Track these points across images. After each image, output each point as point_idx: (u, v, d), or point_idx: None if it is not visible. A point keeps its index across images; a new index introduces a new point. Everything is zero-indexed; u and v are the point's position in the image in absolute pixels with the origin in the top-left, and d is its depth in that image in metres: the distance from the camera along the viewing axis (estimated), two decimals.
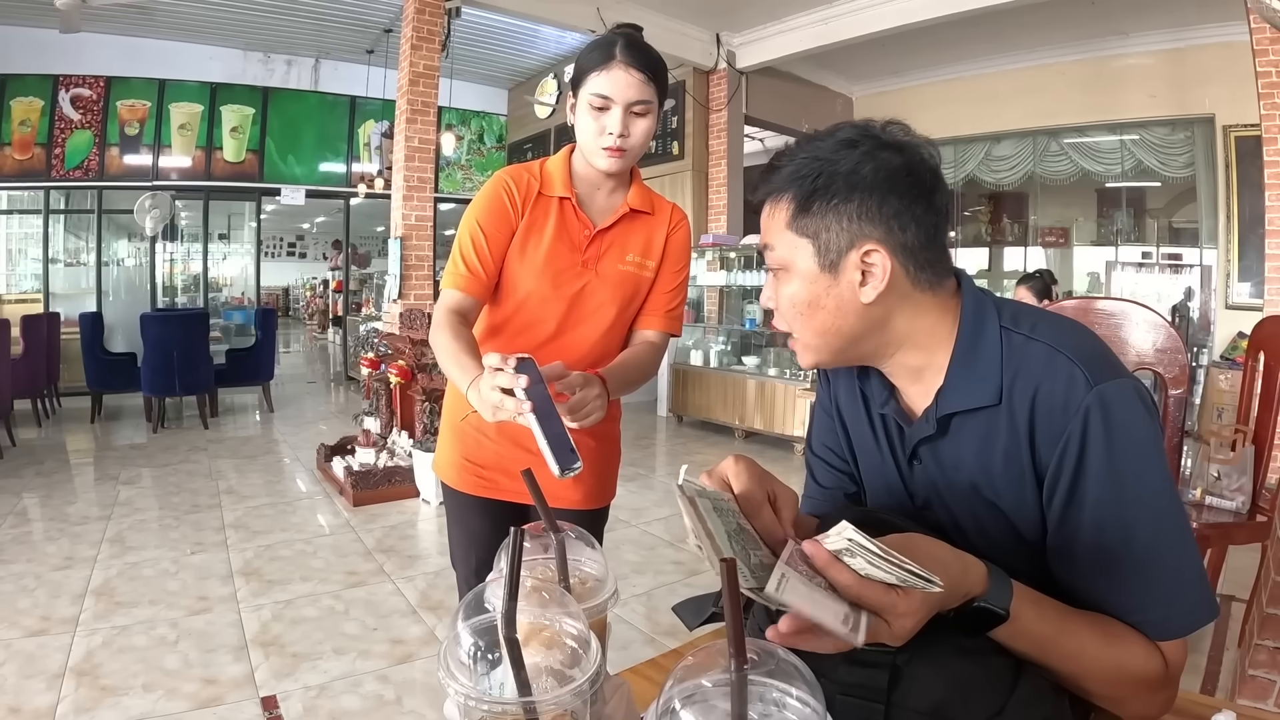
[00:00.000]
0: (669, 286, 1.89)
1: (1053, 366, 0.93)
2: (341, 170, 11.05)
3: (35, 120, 9.12)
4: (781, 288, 1.03)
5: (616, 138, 1.68)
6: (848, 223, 0.96)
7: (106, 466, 6.24)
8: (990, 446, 0.97)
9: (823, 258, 0.98)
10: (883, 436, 1.13)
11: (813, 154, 0.99)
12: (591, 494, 1.92)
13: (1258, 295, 6.68)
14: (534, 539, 0.83)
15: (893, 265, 0.97)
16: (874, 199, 0.95)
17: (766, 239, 1.04)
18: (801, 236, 0.99)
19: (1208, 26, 7.34)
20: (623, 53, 1.66)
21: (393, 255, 6.98)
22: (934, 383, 1.02)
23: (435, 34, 6.97)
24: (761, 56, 8.89)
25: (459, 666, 0.63)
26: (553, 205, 1.79)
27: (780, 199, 1.01)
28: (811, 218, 0.98)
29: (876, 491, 1.16)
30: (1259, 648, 2.20)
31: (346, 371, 11.54)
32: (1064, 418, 0.91)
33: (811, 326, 1.02)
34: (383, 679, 3.01)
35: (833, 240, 0.97)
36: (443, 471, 1.93)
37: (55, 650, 3.12)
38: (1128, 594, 0.90)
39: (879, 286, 0.97)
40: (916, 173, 0.97)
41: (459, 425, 1.89)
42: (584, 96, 1.69)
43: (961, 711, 0.75)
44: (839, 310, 1.00)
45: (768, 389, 7.57)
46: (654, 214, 1.86)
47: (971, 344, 0.99)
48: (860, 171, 0.96)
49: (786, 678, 0.55)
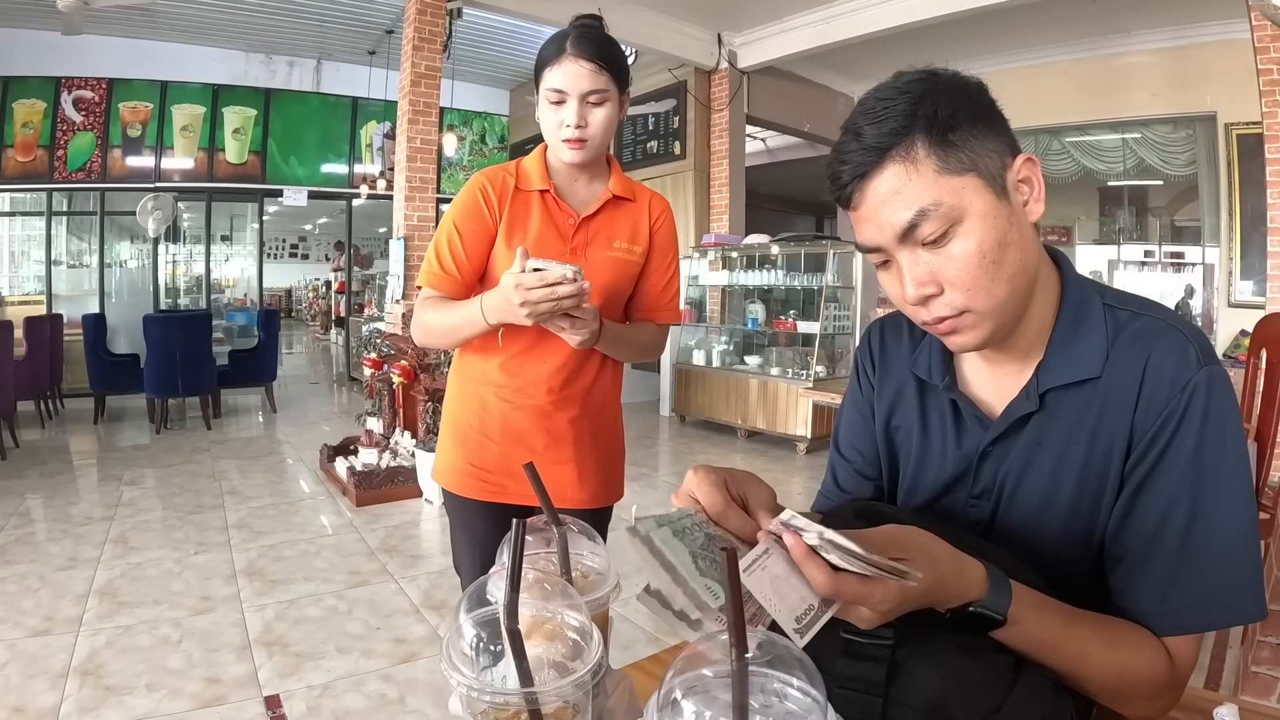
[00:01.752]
0: (661, 281, 1.91)
1: (1167, 339, 0.91)
2: (344, 171, 11.07)
3: (38, 122, 9.14)
4: (955, 248, 0.88)
5: (574, 129, 1.70)
6: (988, 141, 0.88)
7: (110, 467, 6.25)
8: (1083, 422, 0.95)
9: (994, 184, 0.88)
10: (942, 422, 1.07)
11: (904, 92, 0.88)
12: (597, 493, 1.92)
13: (1260, 293, 6.67)
14: (536, 532, 0.83)
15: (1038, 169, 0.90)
16: (985, 114, 0.89)
17: (918, 204, 0.87)
18: (961, 174, 0.86)
19: (1209, 24, 7.33)
20: (574, 45, 1.67)
21: (395, 256, 6.98)
22: (1033, 356, 0.98)
23: (437, 35, 6.98)
24: (763, 56, 8.89)
25: (462, 659, 0.63)
26: (533, 199, 1.81)
27: (910, 150, 0.86)
28: (959, 150, 0.86)
29: (927, 480, 1.09)
30: (1262, 644, 2.20)
31: (349, 372, 11.57)
32: (1170, 391, 0.89)
33: (1004, 275, 0.89)
34: (386, 678, 3.01)
35: (990, 163, 0.88)
36: (444, 477, 1.92)
37: (59, 650, 3.13)
38: (1165, 578, 0.88)
39: (1040, 196, 0.91)
40: (985, 91, 0.92)
41: (462, 430, 1.88)
42: (542, 91, 1.72)
43: (959, 708, 0.74)
44: (1024, 239, 0.90)
45: (770, 388, 7.58)
46: (636, 200, 1.88)
47: (1076, 317, 0.96)
48: (962, 93, 0.88)
49: (787, 667, 0.56)
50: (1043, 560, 0.96)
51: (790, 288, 8.06)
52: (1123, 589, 0.92)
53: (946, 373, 1.06)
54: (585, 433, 1.88)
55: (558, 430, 1.84)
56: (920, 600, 0.75)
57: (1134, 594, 0.91)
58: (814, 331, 7.43)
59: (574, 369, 1.82)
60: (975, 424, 1.03)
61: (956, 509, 1.06)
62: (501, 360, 1.81)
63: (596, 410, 1.90)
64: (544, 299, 1.37)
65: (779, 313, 8.25)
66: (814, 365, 7.30)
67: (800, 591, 0.69)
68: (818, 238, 8.49)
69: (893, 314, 1.18)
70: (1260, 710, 0.92)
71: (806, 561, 0.69)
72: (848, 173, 0.90)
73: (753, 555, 0.69)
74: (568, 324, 1.39)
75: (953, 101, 0.87)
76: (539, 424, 1.83)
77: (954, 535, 0.83)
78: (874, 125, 0.87)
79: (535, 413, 1.82)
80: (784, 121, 10.01)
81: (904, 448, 1.14)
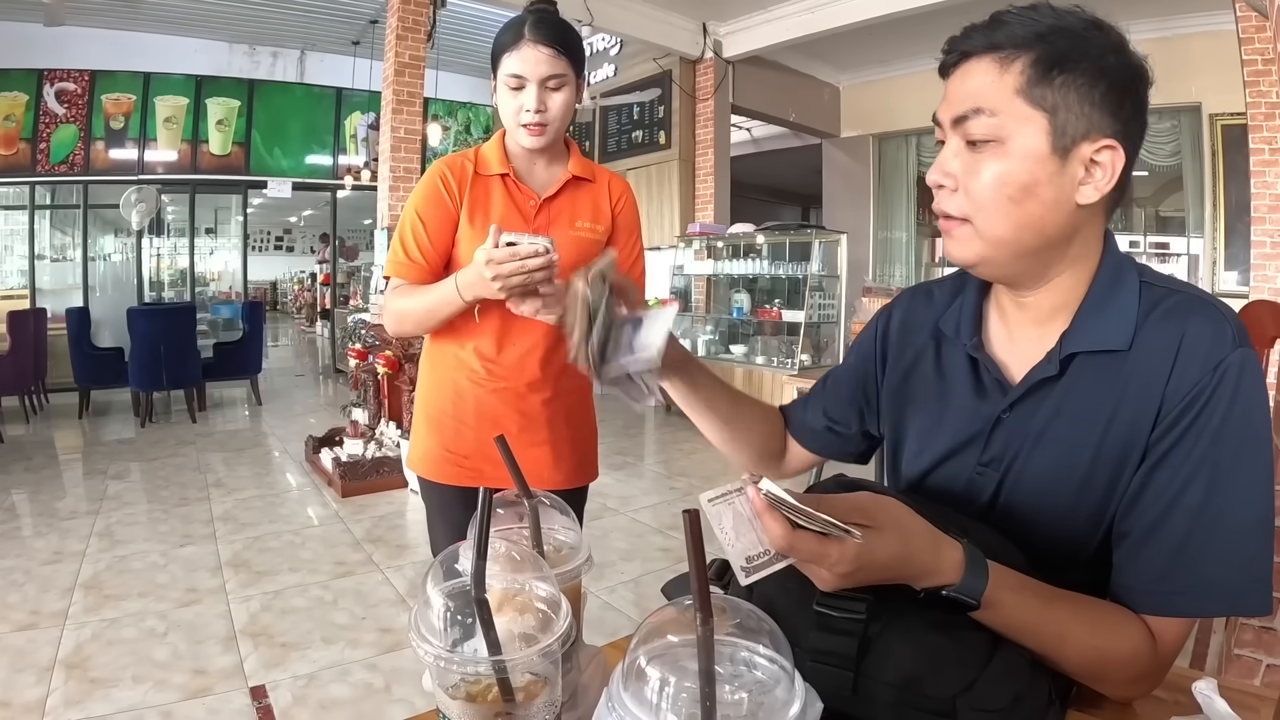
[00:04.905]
0: (628, 260, 1.92)
1: (1203, 315, 0.89)
2: (328, 163, 11.01)
3: (20, 115, 9.05)
4: (987, 164, 0.90)
5: (534, 114, 1.73)
6: (1089, 108, 0.87)
7: (95, 461, 6.22)
8: (1106, 397, 0.93)
9: (1057, 138, 0.87)
10: (962, 382, 1.07)
11: (1057, 20, 0.88)
12: (573, 474, 1.95)
13: (1244, 283, 6.69)
14: (508, 507, 0.83)
15: (1120, 170, 0.89)
16: (1114, 93, 0.87)
17: (979, 102, 0.89)
18: (1036, 108, 0.87)
19: (1194, 16, 7.36)
20: (531, 30, 1.70)
21: (379, 245, 6.96)
22: (1057, 324, 0.97)
23: (421, 24, 6.95)
24: (748, 46, 8.89)
25: (431, 630, 0.63)
26: (494, 184, 1.83)
27: (1014, 59, 0.88)
28: (1052, 89, 0.86)
29: (937, 441, 1.09)
30: (1244, 627, 2.21)
31: (335, 364, 11.53)
32: (1203, 368, 0.87)
33: (1015, 216, 0.90)
34: (371, 667, 3.01)
35: (1070, 122, 0.87)
36: (420, 466, 1.93)
37: (45, 644, 3.12)
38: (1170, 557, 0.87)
39: (1103, 188, 0.89)
40: (1148, 85, 0.90)
41: (436, 416, 1.90)
42: (500, 77, 1.75)
43: (932, 684, 0.74)
44: (1054, 203, 0.90)
45: (755, 377, 7.59)
46: (595, 181, 1.92)
47: (1109, 288, 0.95)
48: (1108, 59, 0.87)
49: (754, 635, 0.56)
50: (1043, 538, 0.96)
51: (775, 277, 8.09)
52: (1125, 565, 0.91)
53: (975, 333, 1.06)
54: (559, 414, 1.90)
55: (532, 412, 1.87)
56: (888, 570, 0.75)
57: (1136, 570, 0.90)
58: (799, 320, 7.45)
59: (547, 351, 1.85)
60: (995, 387, 1.02)
61: (963, 475, 1.05)
62: (474, 344, 1.83)
63: (570, 391, 1.92)
64: (514, 272, 1.38)
65: (764, 302, 8.27)
66: (799, 354, 7.33)
67: (760, 534, 0.70)
68: (803, 227, 8.48)
69: (923, 284, 1.21)
70: (1241, 688, 0.92)
71: (765, 514, 0.70)
72: (978, 38, 0.92)
73: (722, 490, 0.71)
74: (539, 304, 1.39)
75: (1083, 52, 0.87)
76: (513, 406, 1.86)
77: (939, 514, 0.83)
78: (1011, 24, 0.89)
79: (509, 395, 1.85)
80: (769, 111, 10.01)
81: (915, 408, 1.14)
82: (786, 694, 0.53)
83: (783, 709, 0.52)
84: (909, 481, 1.13)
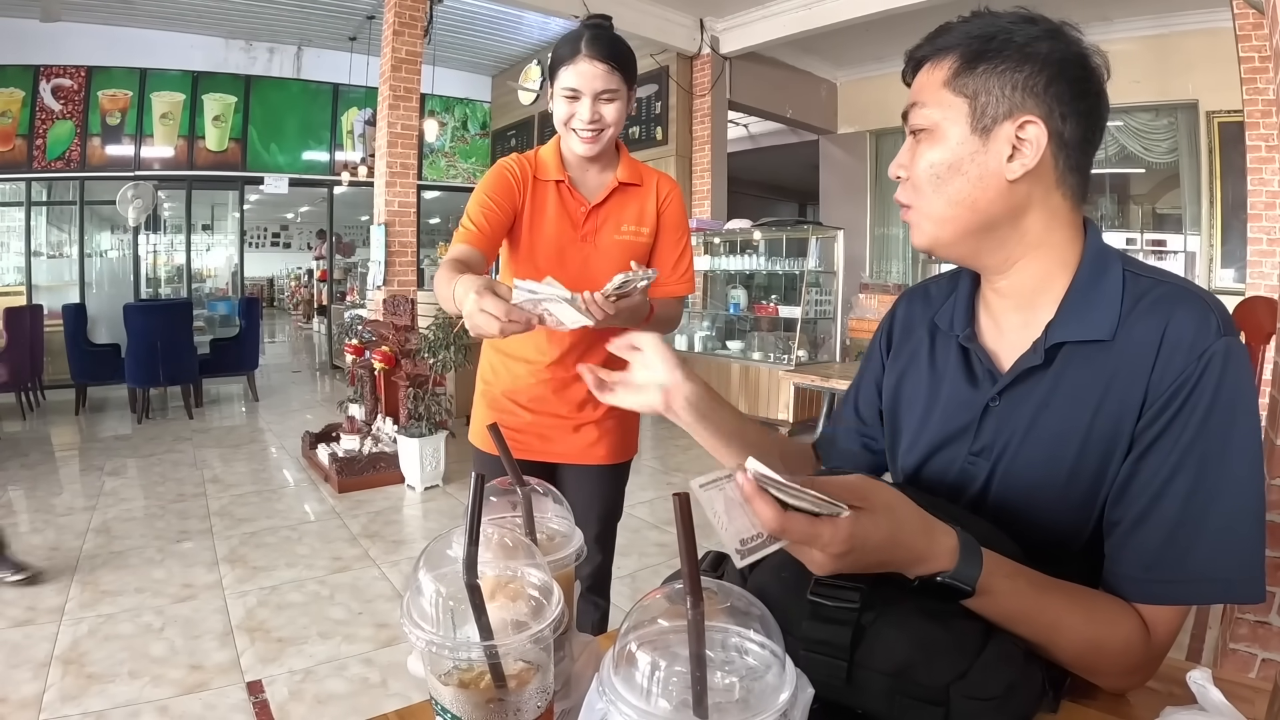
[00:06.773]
0: (673, 256, 2.08)
1: (1187, 305, 0.91)
2: (325, 159, 10.99)
3: (16, 111, 9.02)
4: (922, 150, 0.99)
5: (588, 124, 1.88)
6: (1011, 90, 0.93)
7: (92, 458, 6.22)
8: (1092, 387, 0.94)
9: (976, 120, 0.95)
10: (953, 373, 1.10)
11: (990, 21, 0.96)
12: (615, 449, 2.18)
13: (1241, 280, 6.69)
14: (501, 495, 0.83)
15: (1046, 147, 0.93)
16: (1043, 76, 0.92)
17: (917, 97, 1.00)
18: (958, 95, 0.95)
19: (1191, 13, 7.36)
20: (588, 46, 1.83)
21: (376, 242, 6.94)
22: (1043, 315, 0.99)
23: (418, 19, 6.93)
24: (745, 42, 8.87)
25: (423, 616, 0.63)
26: (550, 189, 1.98)
27: (944, 58, 0.97)
28: (974, 77, 0.94)
29: (929, 431, 1.11)
30: (1240, 621, 2.22)
31: (331, 360, 11.52)
32: (1188, 357, 0.88)
33: (945, 193, 0.98)
34: (368, 662, 3.01)
35: (990, 104, 0.94)
36: (481, 440, 2.11)
37: (41, 640, 3.12)
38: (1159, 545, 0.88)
39: (1028, 164, 0.93)
40: (1089, 69, 0.95)
41: (493, 396, 2.15)
42: (557, 89, 1.89)
43: (925, 672, 0.74)
44: (980, 180, 0.96)
45: (752, 372, 7.60)
46: (643, 185, 2.05)
47: (1093, 277, 0.97)
48: (1037, 46, 0.93)
49: (744, 620, 0.56)
50: (1035, 528, 0.96)
51: (772, 273, 8.09)
52: (1116, 553, 0.92)
53: (968, 324, 1.09)
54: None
55: (579, 397, 2.08)
56: (881, 553, 0.75)
57: (1126, 558, 0.90)
58: (796, 316, 7.45)
59: (593, 339, 2.01)
60: (986, 377, 1.05)
61: (955, 465, 1.06)
62: (530, 339, 2.01)
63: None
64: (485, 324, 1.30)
65: (761, 298, 8.28)
66: (796, 350, 7.32)
67: (752, 518, 0.71)
68: (799, 223, 8.49)
69: (921, 284, 1.26)
70: (1235, 680, 0.92)
71: (755, 499, 0.69)
72: (923, 48, 1.02)
73: (714, 475, 0.71)
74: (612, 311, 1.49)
75: (1007, 42, 0.94)
76: (562, 392, 2.08)
77: (932, 504, 0.83)
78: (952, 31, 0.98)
79: (559, 384, 2.07)
80: (766, 107, 9.99)
81: (910, 401, 1.16)
82: (777, 679, 0.54)
83: (773, 694, 0.53)
84: (905, 474, 1.14)
